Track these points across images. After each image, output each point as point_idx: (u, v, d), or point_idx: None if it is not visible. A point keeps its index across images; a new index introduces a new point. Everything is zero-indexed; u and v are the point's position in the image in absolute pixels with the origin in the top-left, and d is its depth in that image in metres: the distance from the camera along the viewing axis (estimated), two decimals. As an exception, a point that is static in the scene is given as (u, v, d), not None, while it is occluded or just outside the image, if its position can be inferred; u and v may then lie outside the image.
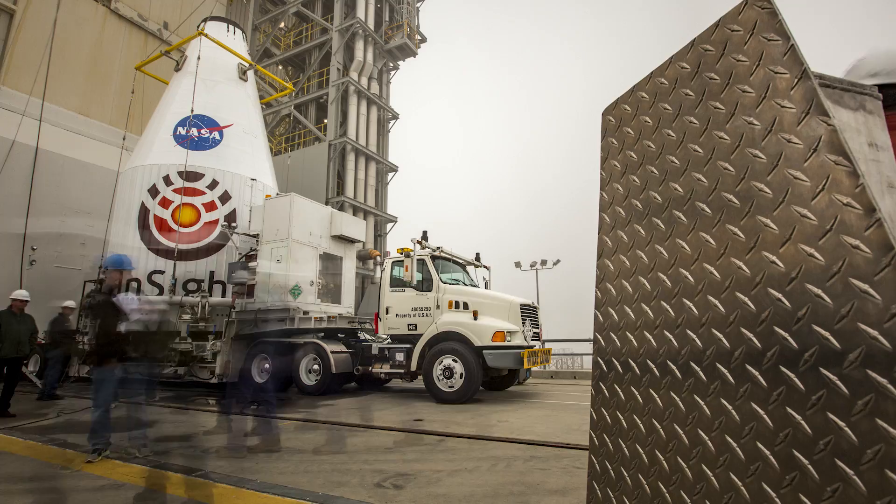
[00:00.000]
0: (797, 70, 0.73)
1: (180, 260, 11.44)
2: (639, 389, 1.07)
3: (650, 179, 1.03)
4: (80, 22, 17.81)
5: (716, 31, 0.89)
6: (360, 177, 19.69)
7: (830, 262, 0.66)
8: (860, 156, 0.86)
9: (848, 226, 0.64)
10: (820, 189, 0.67)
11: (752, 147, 0.79)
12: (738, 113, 0.83)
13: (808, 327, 0.68)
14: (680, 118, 0.96)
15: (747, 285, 0.79)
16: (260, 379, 9.67)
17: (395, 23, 22.59)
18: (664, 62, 1.01)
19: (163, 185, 11.88)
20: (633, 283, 1.08)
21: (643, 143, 1.06)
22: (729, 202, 0.82)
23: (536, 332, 8.52)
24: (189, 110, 12.33)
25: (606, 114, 1.22)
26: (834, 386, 0.65)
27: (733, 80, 0.84)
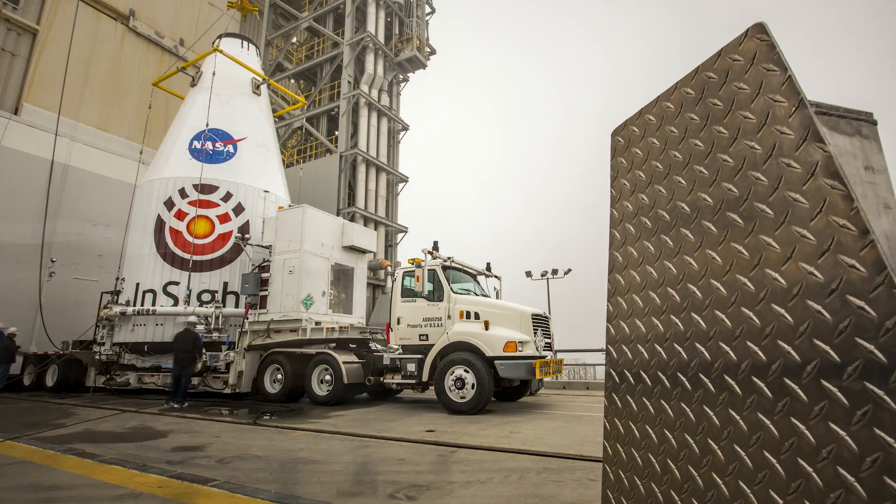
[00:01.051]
0: (795, 99, 0.77)
1: (195, 271, 11.66)
2: (650, 400, 1.10)
3: (658, 198, 1.08)
4: (101, 40, 18.35)
5: (718, 60, 0.94)
6: (371, 187, 19.88)
7: (829, 279, 0.70)
8: (857, 178, 0.90)
9: (844, 246, 0.68)
10: (818, 211, 0.71)
11: (754, 170, 0.83)
12: (740, 137, 0.87)
13: (809, 341, 0.72)
14: (686, 140, 1.00)
15: (752, 300, 0.82)
16: (272, 389, 9.75)
17: (404, 36, 22.91)
18: (670, 87, 1.06)
19: (178, 197, 12.17)
20: (644, 298, 1.12)
21: (651, 164, 1.11)
22: (733, 221, 0.86)
23: (548, 342, 8.49)
24: (204, 124, 12.63)
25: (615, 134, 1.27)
26: (834, 397, 0.68)
27: (735, 107, 0.89)
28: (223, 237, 12.16)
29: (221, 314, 11.24)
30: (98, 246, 16.49)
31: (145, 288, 11.75)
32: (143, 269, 11.92)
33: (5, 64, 15.96)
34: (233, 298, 11.93)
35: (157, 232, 12.03)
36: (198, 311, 11.25)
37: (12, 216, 14.62)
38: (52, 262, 14.94)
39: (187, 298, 11.36)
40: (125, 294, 12.00)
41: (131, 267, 12.27)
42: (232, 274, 12.08)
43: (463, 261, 9.60)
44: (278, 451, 5.05)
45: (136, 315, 11.49)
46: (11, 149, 14.89)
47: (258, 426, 6.71)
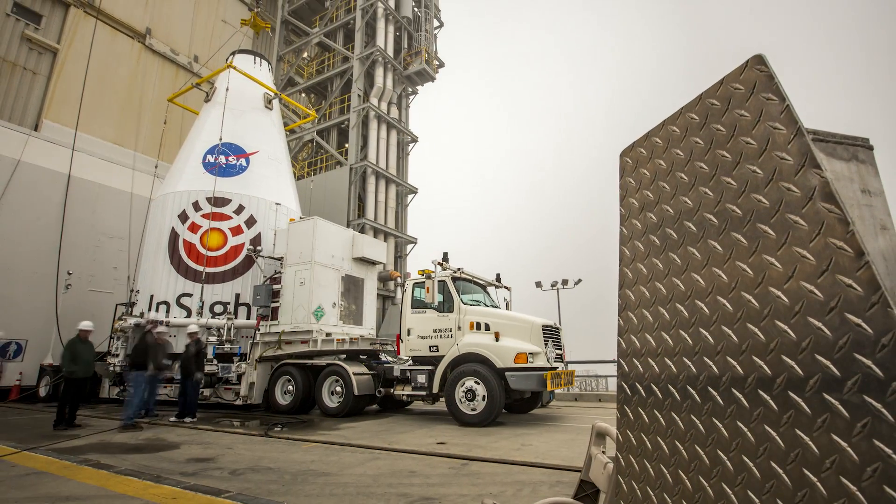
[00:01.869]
0: (793, 127, 0.82)
1: (207, 283, 11.82)
2: (661, 412, 1.13)
3: (666, 217, 1.12)
4: (118, 58, 18.84)
5: (720, 88, 0.99)
6: (381, 199, 20.06)
7: (828, 298, 0.74)
8: (854, 201, 0.94)
9: (842, 266, 0.72)
10: (816, 233, 0.75)
11: (756, 192, 0.87)
12: (742, 162, 0.92)
13: (811, 356, 0.76)
14: (691, 163, 1.05)
15: (756, 317, 0.86)
16: (283, 401, 9.79)
17: (413, 49, 23.24)
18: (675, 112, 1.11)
19: (192, 210, 12.40)
20: (653, 313, 1.16)
21: (658, 184, 1.16)
22: (738, 241, 0.91)
23: (559, 353, 8.47)
24: (218, 138, 12.90)
25: (624, 155, 1.33)
26: (836, 410, 0.71)
27: (737, 132, 0.93)
28: (235, 249, 12.35)
29: (233, 326, 11.38)
30: (113, 258, 16.77)
31: (159, 300, 11.93)
32: (157, 281, 12.11)
33: (27, 82, 16.44)
34: (244, 310, 12.07)
35: (171, 244, 12.25)
36: (209, 323, 11.40)
37: (31, 229, 14.95)
38: (69, 274, 15.21)
39: (200, 310, 11.50)
40: (139, 306, 12.20)
41: (145, 279, 12.48)
42: (244, 286, 12.24)
43: (473, 272, 9.63)
44: (290, 462, 5.09)
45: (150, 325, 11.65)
46: (31, 164, 15.27)
47: (270, 438, 6.76)
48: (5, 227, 14.40)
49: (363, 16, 21.68)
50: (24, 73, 16.44)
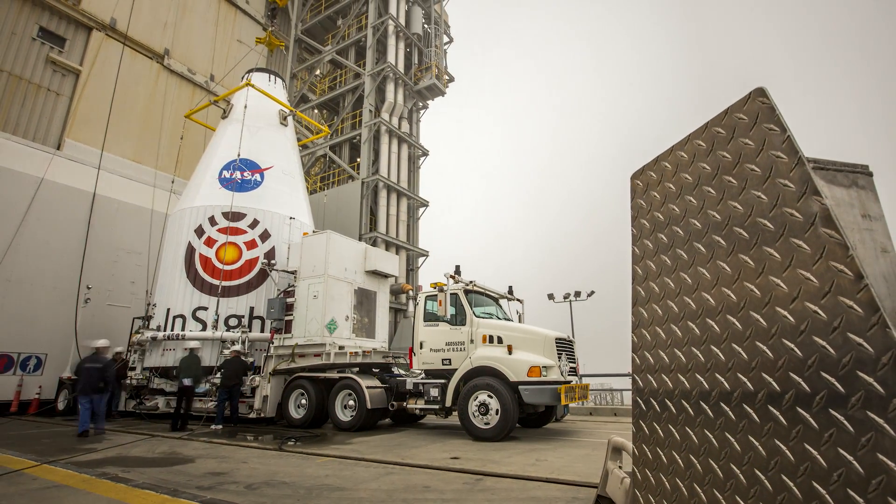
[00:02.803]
0: (794, 157, 0.86)
1: (223, 296, 12.04)
2: (676, 427, 1.16)
3: (676, 238, 1.16)
4: (137, 78, 19.40)
5: (726, 117, 1.04)
6: (392, 212, 20.22)
7: (831, 318, 0.78)
8: (854, 226, 0.97)
9: (843, 288, 0.76)
10: (819, 256, 0.79)
11: (761, 217, 0.92)
12: (748, 187, 0.96)
13: (817, 374, 0.79)
14: (699, 187, 1.10)
15: (764, 335, 0.90)
16: (296, 414, 9.82)
17: (423, 65, 23.58)
18: (682, 139, 1.16)
19: (208, 225, 12.68)
20: (666, 330, 1.19)
21: (668, 206, 1.20)
22: (745, 262, 0.95)
23: (573, 366, 8.41)
24: (234, 154, 13.24)
25: (635, 178, 1.37)
26: (841, 425, 0.75)
27: (742, 160, 0.98)
28: (250, 263, 12.58)
29: (248, 339, 11.50)
30: (131, 273, 17.08)
31: (175, 313, 12.14)
32: (174, 294, 12.34)
33: (50, 102, 16.99)
34: (258, 323, 12.21)
35: (188, 258, 12.50)
36: (223, 336, 11.57)
37: (50, 246, 15.33)
38: (88, 288, 15.51)
39: (215, 323, 11.67)
40: (156, 319, 12.39)
41: (162, 293, 12.71)
42: (258, 299, 12.43)
43: (485, 284, 9.65)
44: (305, 477, 5.11)
45: (166, 340, 11.86)
46: (53, 182, 15.71)
47: (283, 452, 6.79)
48: (27, 243, 14.78)
49: (374, 33, 22.11)
50: (48, 95, 17.00)
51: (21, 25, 16.69)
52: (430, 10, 24.78)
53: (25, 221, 14.76)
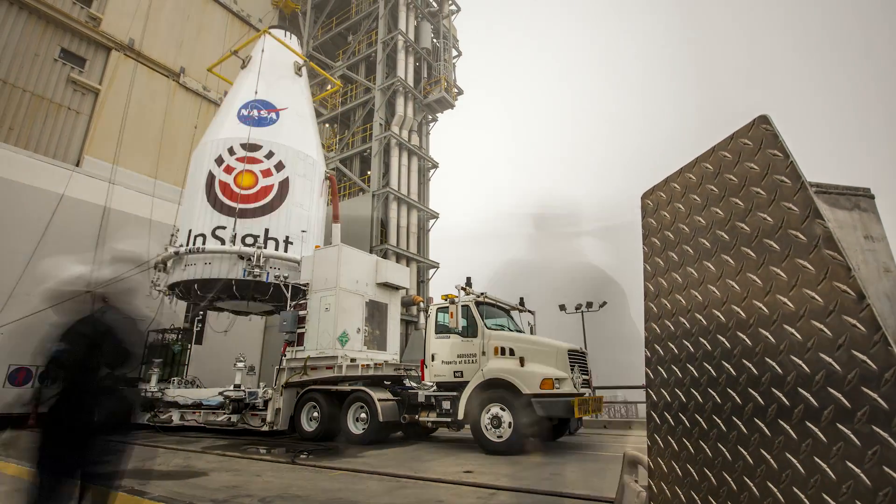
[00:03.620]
0: (797, 182, 0.90)
1: (240, 217, 13.00)
2: (690, 441, 1.19)
3: (686, 257, 1.20)
4: (154, 96, 19.89)
5: (731, 142, 1.09)
6: (403, 224, 20.36)
7: (836, 336, 0.81)
8: (857, 247, 1.01)
9: (846, 308, 0.79)
10: (823, 277, 0.83)
11: (768, 238, 0.96)
12: (754, 209, 1.00)
13: (825, 389, 0.82)
14: (707, 208, 1.14)
15: (773, 351, 0.93)
16: (308, 427, 9.84)
17: (433, 79, 23.89)
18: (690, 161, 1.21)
19: (227, 154, 13.72)
20: (678, 345, 1.23)
21: (678, 226, 1.24)
22: (753, 282, 0.98)
23: (586, 378, 8.34)
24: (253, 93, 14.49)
25: (645, 197, 1.42)
26: (849, 439, 0.78)
27: (748, 183, 1.02)
28: (265, 189, 13.62)
29: (262, 254, 12.39)
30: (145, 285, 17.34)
31: (196, 233, 13.07)
32: (195, 216, 13.35)
33: (70, 120, 17.48)
34: (272, 243, 13.20)
35: (209, 184, 13.53)
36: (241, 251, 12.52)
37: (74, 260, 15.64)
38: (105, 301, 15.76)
39: (233, 239, 12.59)
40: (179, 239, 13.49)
41: (185, 217, 13.82)
42: (272, 222, 13.44)
43: (496, 296, 9.66)
44: (318, 490, 5.13)
45: (188, 254, 12.76)
46: (73, 198, 16.08)
47: (296, 465, 6.81)
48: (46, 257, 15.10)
49: (384, 49, 22.48)
50: (69, 113, 17.50)
51: (44, 47, 17.26)
52: (439, 26, 25.16)
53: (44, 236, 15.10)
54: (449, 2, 26.78)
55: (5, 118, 16.15)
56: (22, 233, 14.71)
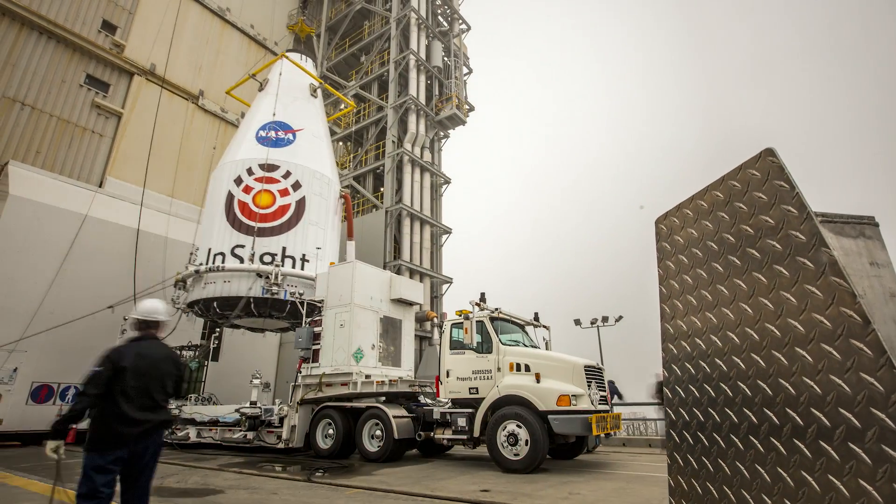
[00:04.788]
0: (803, 212, 0.95)
1: (258, 236, 13.36)
2: (709, 459, 1.22)
3: (700, 281, 1.25)
4: (174, 118, 20.50)
5: (740, 173, 1.14)
6: (416, 240, 20.49)
7: (845, 358, 0.85)
8: (863, 273, 1.05)
9: (854, 332, 0.83)
10: (831, 302, 0.87)
11: (778, 264, 1.00)
12: (763, 236, 1.05)
13: (835, 410, 0.86)
14: (719, 234, 1.19)
15: (786, 373, 0.97)
16: (324, 444, 9.84)
17: (444, 96, 24.23)
18: (701, 189, 1.26)
19: (246, 175, 14.19)
20: (695, 366, 1.26)
21: (691, 250, 1.29)
22: (765, 305, 1.03)
23: (603, 395, 8.25)
24: (270, 115, 15.02)
25: (659, 222, 1.47)
26: (860, 458, 0.81)
27: (757, 211, 1.07)
28: (283, 208, 14.04)
29: (280, 272, 12.66)
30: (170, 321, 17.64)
31: (216, 251, 13.39)
32: (215, 235, 13.68)
33: (94, 143, 18.07)
34: (289, 261, 13.50)
35: (228, 204, 13.92)
36: (259, 269, 12.79)
37: (91, 278, 16.02)
38: (125, 320, 16.06)
39: (251, 257, 12.90)
40: (199, 258, 13.78)
41: (204, 236, 14.13)
42: (289, 240, 13.78)
43: (510, 311, 9.65)
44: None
45: (208, 273, 13.02)
46: (95, 218, 16.53)
47: (312, 483, 6.82)
48: (69, 277, 15.49)
49: (396, 68, 22.92)
50: (92, 136, 18.10)
51: (70, 74, 17.95)
52: (450, 44, 25.61)
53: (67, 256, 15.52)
54: (459, 21, 27.29)
55: (33, 142, 16.77)
56: (46, 252, 15.14)
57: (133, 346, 3.24)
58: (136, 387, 3.06)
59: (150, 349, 3.26)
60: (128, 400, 3.00)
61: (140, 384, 3.08)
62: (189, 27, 22.16)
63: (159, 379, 3.21)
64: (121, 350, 3.16)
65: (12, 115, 16.44)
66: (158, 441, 3.21)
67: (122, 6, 20.01)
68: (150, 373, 3.16)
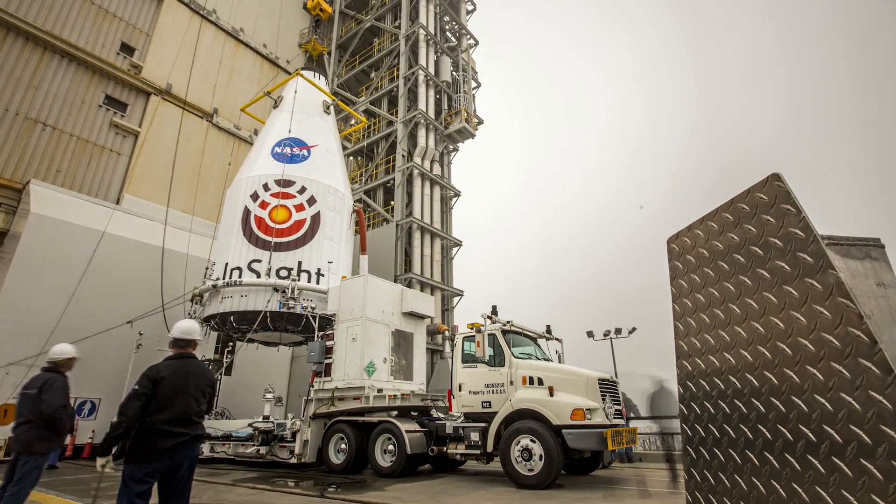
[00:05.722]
0: (810, 235, 0.99)
1: (275, 251, 13.55)
2: (725, 475, 1.24)
3: (712, 299, 1.28)
4: (189, 136, 20.96)
5: (748, 196, 1.18)
6: (427, 253, 20.58)
7: (854, 377, 0.88)
8: (871, 294, 1.08)
9: (861, 352, 0.86)
10: (839, 322, 0.90)
11: (787, 284, 1.04)
12: (773, 258, 1.09)
13: (847, 427, 0.88)
14: (729, 255, 1.22)
15: (798, 390, 1.00)
16: (336, 459, 9.82)
17: (453, 110, 24.50)
18: (711, 211, 1.30)
19: (262, 191, 14.45)
20: (709, 383, 1.29)
21: (703, 270, 1.33)
22: (776, 324, 1.06)
23: (618, 409, 8.15)
24: (286, 132, 15.34)
25: (670, 241, 1.51)
26: (872, 473, 0.84)
27: (766, 233, 1.11)
28: (298, 223, 14.28)
29: (296, 286, 12.77)
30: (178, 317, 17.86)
31: (232, 266, 13.60)
32: (231, 250, 13.90)
33: (112, 161, 18.53)
34: (305, 276, 13.69)
35: (244, 220, 14.17)
36: (276, 284, 12.96)
37: (110, 294, 16.31)
38: (140, 335, 16.28)
39: (268, 272, 13.06)
40: (216, 273, 13.98)
41: (221, 251, 14.37)
42: (304, 254, 13.99)
43: (522, 324, 9.62)
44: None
45: (225, 287, 13.19)
46: (114, 235, 16.88)
47: (325, 498, 6.82)
48: (86, 292, 15.78)
49: (405, 83, 23.26)
50: (110, 154, 18.57)
51: (90, 95, 18.49)
52: (458, 59, 25.95)
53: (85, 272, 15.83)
54: (467, 36, 27.67)
55: (53, 161, 17.25)
56: (65, 268, 15.45)
57: (171, 363, 3.49)
58: (173, 402, 3.27)
59: (186, 366, 3.51)
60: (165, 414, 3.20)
61: (177, 399, 3.29)
62: (204, 47, 22.76)
63: (194, 394, 3.42)
64: (159, 368, 3.40)
65: (34, 136, 16.95)
66: (194, 455, 3.37)
67: (140, 29, 20.65)
68: (187, 388, 3.37)
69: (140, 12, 20.82)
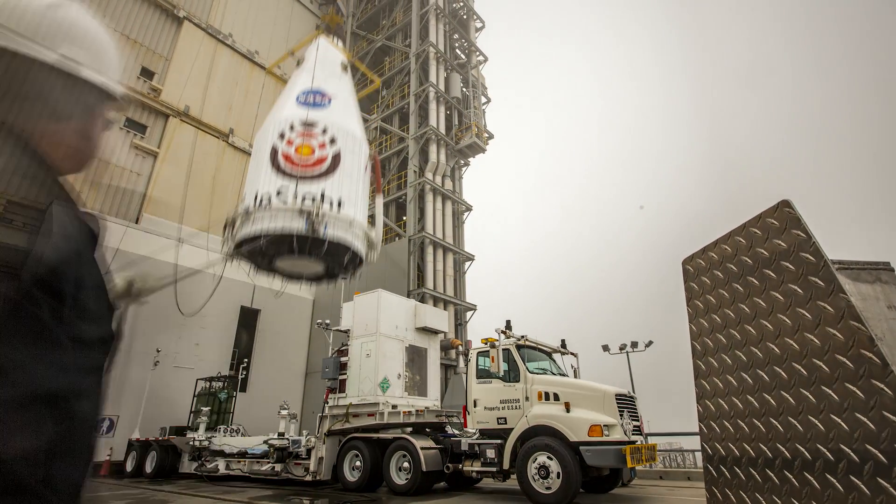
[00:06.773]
0: (820, 260, 1.03)
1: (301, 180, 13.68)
2: (746, 493, 1.26)
3: (728, 321, 1.32)
4: (206, 156, 21.45)
5: (759, 221, 1.22)
6: (439, 268, 20.64)
7: (868, 398, 0.91)
8: (882, 316, 1.10)
9: (874, 373, 0.89)
10: (852, 344, 0.94)
11: (800, 307, 1.07)
12: (786, 281, 1.12)
13: (863, 446, 0.91)
14: (744, 277, 1.26)
15: (815, 410, 1.03)
16: (351, 477, 9.76)
17: (464, 125, 24.75)
18: (724, 234, 1.35)
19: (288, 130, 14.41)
20: (728, 402, 1.32)
21: (718, 291, 1.36)
22: (790, 345, 1.09)
23: (637, 425, 8.01)
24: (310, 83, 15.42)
25: (686, 263, 1.55)
26: (889, 492, 0.86)
27: (778, 257, 1.15)
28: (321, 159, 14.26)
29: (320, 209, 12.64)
30: (195, 335, 18.10)
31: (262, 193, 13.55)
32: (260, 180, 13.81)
33: (132, 182, 19.01)
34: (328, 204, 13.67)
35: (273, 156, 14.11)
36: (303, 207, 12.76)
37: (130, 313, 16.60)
38: (158, 352, 16.52)
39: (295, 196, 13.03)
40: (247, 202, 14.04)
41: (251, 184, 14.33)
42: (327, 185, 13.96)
43: (537, 338, 9.57)
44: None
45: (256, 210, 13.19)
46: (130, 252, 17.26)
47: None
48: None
49: (416, 100, 23.61)
50: (130, 175, 19.07)
51: (111, 118, 19.09)
52: (468, 75, 26.30)
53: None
54: (476, 53, 28.06)
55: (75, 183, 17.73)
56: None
57: None
58: None
59: None
60: None
61: None
62: (220, 70, 23.39)
63: None
64: None
65: (58, 159, 17.49)
66: None
67: (160, 53, 21.32)
68: None
69: (160, 38, 21.53)
